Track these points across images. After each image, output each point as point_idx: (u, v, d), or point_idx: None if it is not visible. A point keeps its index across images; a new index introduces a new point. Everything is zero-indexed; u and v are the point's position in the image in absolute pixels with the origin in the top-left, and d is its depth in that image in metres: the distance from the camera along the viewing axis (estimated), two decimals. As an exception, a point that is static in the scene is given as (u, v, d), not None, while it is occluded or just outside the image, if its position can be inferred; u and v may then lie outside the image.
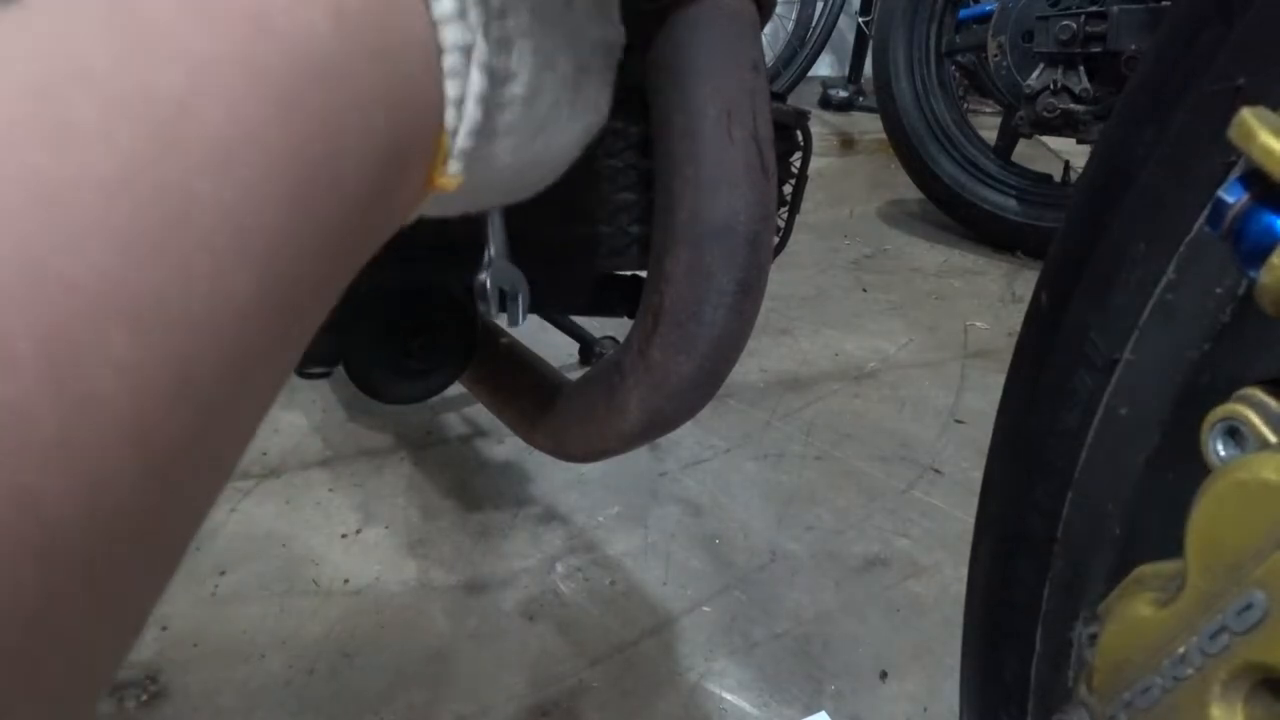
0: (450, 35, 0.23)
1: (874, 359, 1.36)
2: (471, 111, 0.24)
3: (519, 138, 0.26)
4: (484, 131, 0.24)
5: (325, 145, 0.19)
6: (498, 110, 0.25)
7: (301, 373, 0.55)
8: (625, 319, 0.52)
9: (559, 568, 0.85)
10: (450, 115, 0.23)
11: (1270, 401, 0.23)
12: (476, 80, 0.23)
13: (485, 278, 0.40)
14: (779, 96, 0.49)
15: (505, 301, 0.40)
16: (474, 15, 0.23)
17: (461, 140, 0.24)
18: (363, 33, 0.20)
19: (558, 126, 0.28)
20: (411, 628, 0.76)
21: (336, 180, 0.19)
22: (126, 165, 0.15)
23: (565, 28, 0.27)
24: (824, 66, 3.62)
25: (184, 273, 0.16)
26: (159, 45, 0.16)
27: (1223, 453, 0.24)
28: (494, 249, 0.40)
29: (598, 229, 0.44)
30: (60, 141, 0.14)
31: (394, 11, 0.21)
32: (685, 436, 1.08)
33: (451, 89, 0.23)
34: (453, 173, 0.24)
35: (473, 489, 0.96)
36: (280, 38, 0.18)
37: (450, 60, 0.23)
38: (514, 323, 0.41)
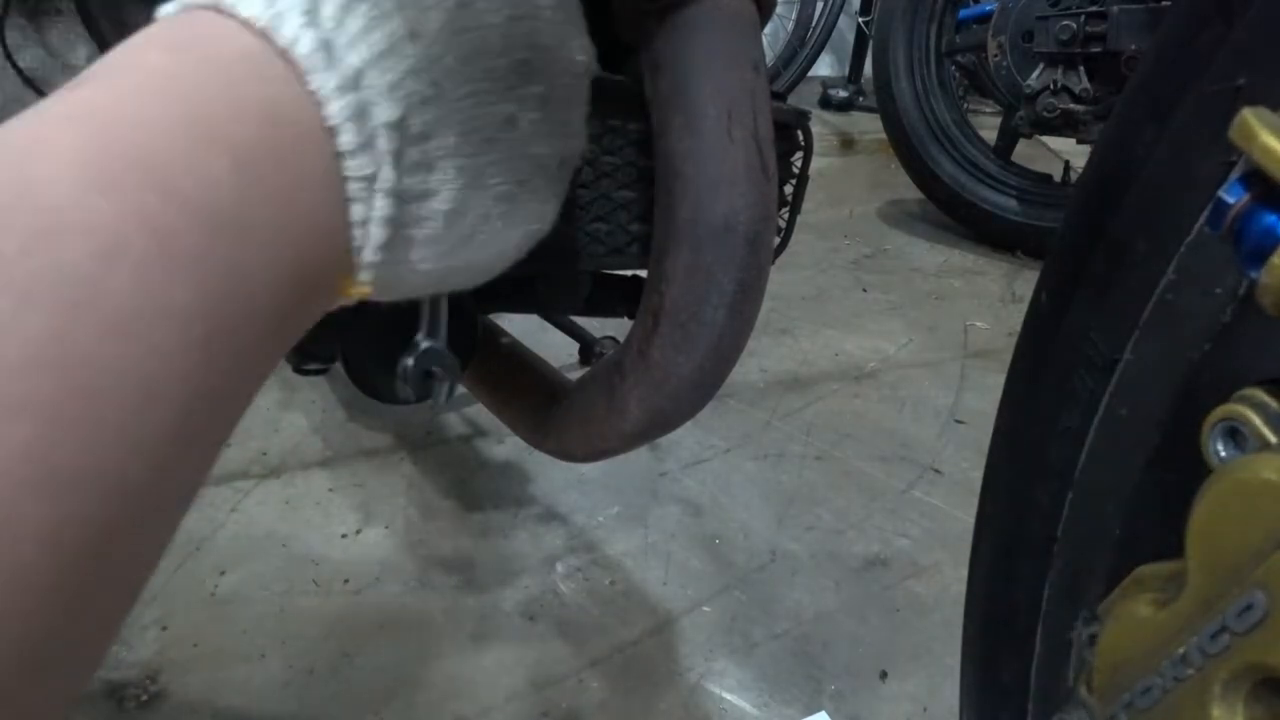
0: (353, 166, 0.24)
1: (874, 359, 1.36)
2: (375, 233, 0.25)
3: (439, 247, 0.27)
4: (392, 246, 0.25)
5: (232, 288, 0.20)
6: (413, 225, 0.26)
7: (299, 369, 0.55)
8: (625, 319, 0.52)
9: (559, 568, 0.85)
10: (357, 234, 0.24)
11: (1271, 402, 0.23)
12: (380, 205, 0.24)
13: (410, 361, 0.40)
14: (779, 96, 0.49)
15: (431, 383, 0.41)
16: (383, 143, 0.24)
17: (368, 256, 0.25)
18: (263, 175, 0.21)
19: (488, 237, 0.29)
20: (411, 628, 0.76)
21: (246, 315, 0.21)
22: (37, 347, 0.16)
23: (503, 147, 0.28)
24: (824, 66, 3.62)
25: (99, 435, 0.17)
26: (67, 224, 0.17)
27: (1223, 453, 0.24)
28: (423, 332, 0.41)
29: (597, 227, 0.44)
30: None
31: (294, 149, 0.22)
32: (685, 436, 1.08)
33: (356, 213, 0.24)
34: (362, 281, 0.25)
35: (473, 489, 0.96)
36: (183, 199, 0.19)
37: (353, 188, 0.24)
38: (437, 405, 0.42)
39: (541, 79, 0.29)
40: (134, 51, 0.22)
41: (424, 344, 0.41)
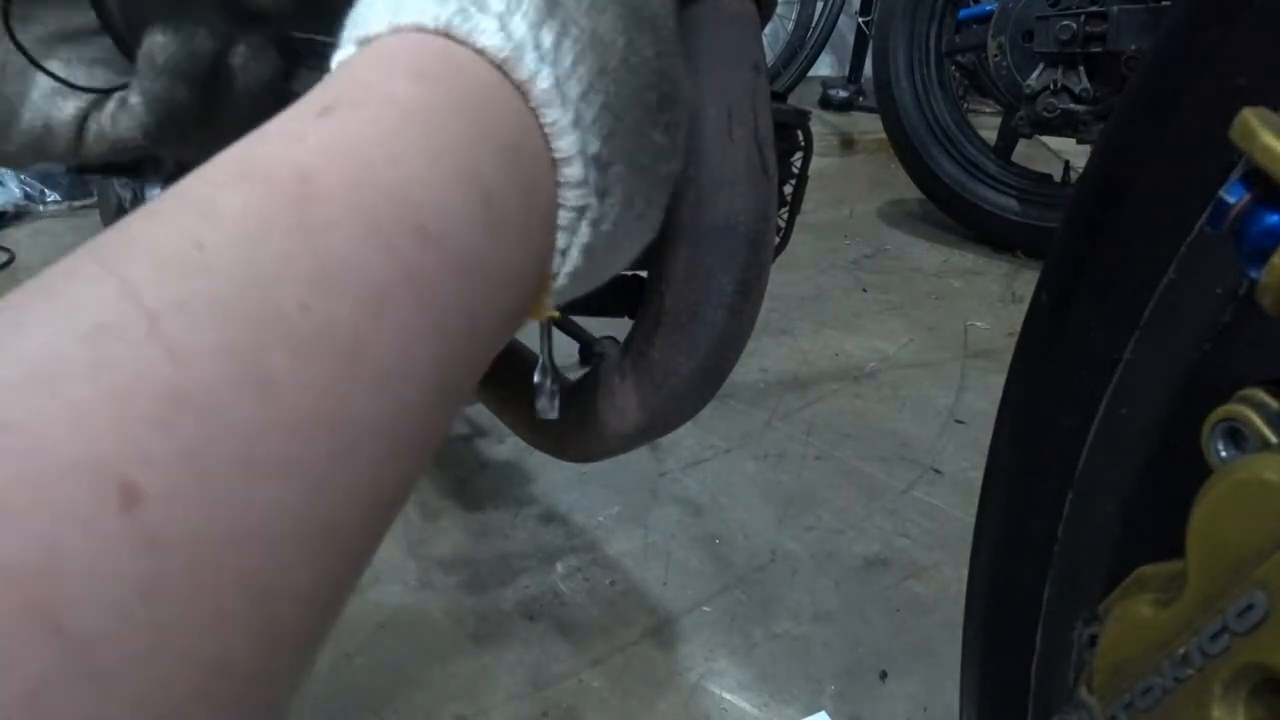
0: (572, 198, 0.24)
1: (874, 359, 1.36)
2: (575, 259, 0.26)
3: (596, 268, 0.28)
4: (578, 272, 0.26)
5: (468, 331, 0.20)
6: (590, 255, 0.27)
7: None
8: (625, 319, 0.52)
9: (559, 567, 0.85)
10: (557, 261, 0.25)
11: (1271, 402, 0.23)
12: (584, 233, 0.25)
13: (545, 380, 0.42)
14: (779, 96, 0.49)
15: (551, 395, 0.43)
16: (592, 175, 0.25)
17: (562, 280, 0.26)
18: (509, 214, 0.21)
19: (622, 253, 0.30)
20: (411, 628, 0.76)
21: (470, 358, 0.21)
22: (312, 403, 0.16)
23: (649, 172, 0.29)
24: (824, 66, 3.62)
25: (353, 494, 0.17)
26: (343, 277, 0.17)
27: (1223, 453, 0.24)
28: (545, 354, 0.42)
29: None
30: (259, 391, 0.15)
31: (535, 185, 0.23)
32: (685, 436, 1.08)
33: (562, 240, 0.25)
34: (550, 306, 0.26)
35: (473, 489, 0.96)
36: (441, 244, 0.19)
37: (566, 217, 0.24)
38: (551, 414, 0.43)
39: (672, 108, 0.30)
40: (379, 76, 0.21)
41: (547, 361, 0.42)
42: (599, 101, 0.24)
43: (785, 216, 0.51)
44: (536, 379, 0.42)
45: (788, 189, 0.50)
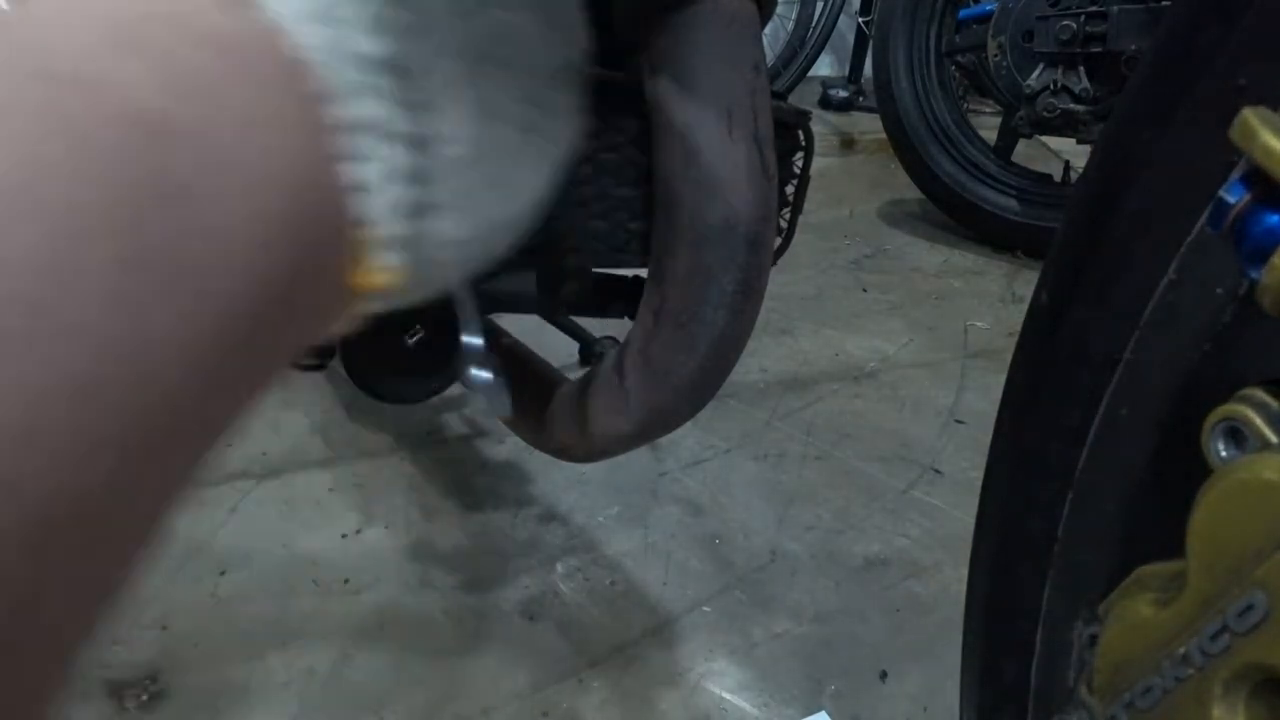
0: (345, 114, 0.19)
1: (874, 359, 1.36)
2: (394, 193, 0.20)
3: (468, 204, 0.23)
4: (419, 210, 0.21)
5: (167, 274, 0.15)
6: (433, 181, 0.21)
7: (295, 364, 0.55)
8: (625, 319, 0.52)
9: (559, 568, 0.85)
10: (367, 202, 0.20)
11: (1271, 402, 0.23)
12: (395, 156, 0.20)
13: (474, 370, 0.37)
14: (779, 96, 0.49)
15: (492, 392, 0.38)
16: (378, 84, 0.20)
17: (388, 227, 0.20)
18: (222, 101, 0.17)
19: (516, 177, 0.25)
20: (411, 628, 0.76)
21: (225, 260, 0.16)
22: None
23: (511, 64, 0.24)
24: (824, 66, 3.62)
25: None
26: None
27: (1224, 453, 0.24)
28: (467, 333, 0.37)
29: (597, 225, 0.44)
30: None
31: (252, 80, 0.18)
32: (685, 436, 1.08)
33: (362, 173, 0.19)
34: (388, 265, 0.21)
35: (473, 489, 0.96)
36: (92, 153, 0.15)
37: (359, 141, 0.19)
38: (504, 412, 0.39)
39: None
40: None
41: (473, 343, 0.37)
42: None
43: (787, 216, 0.51)
44: (469, 371, 0.36)
45: (789, 189, 0.50)
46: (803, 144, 0.48)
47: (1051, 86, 1.73)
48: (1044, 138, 2.03)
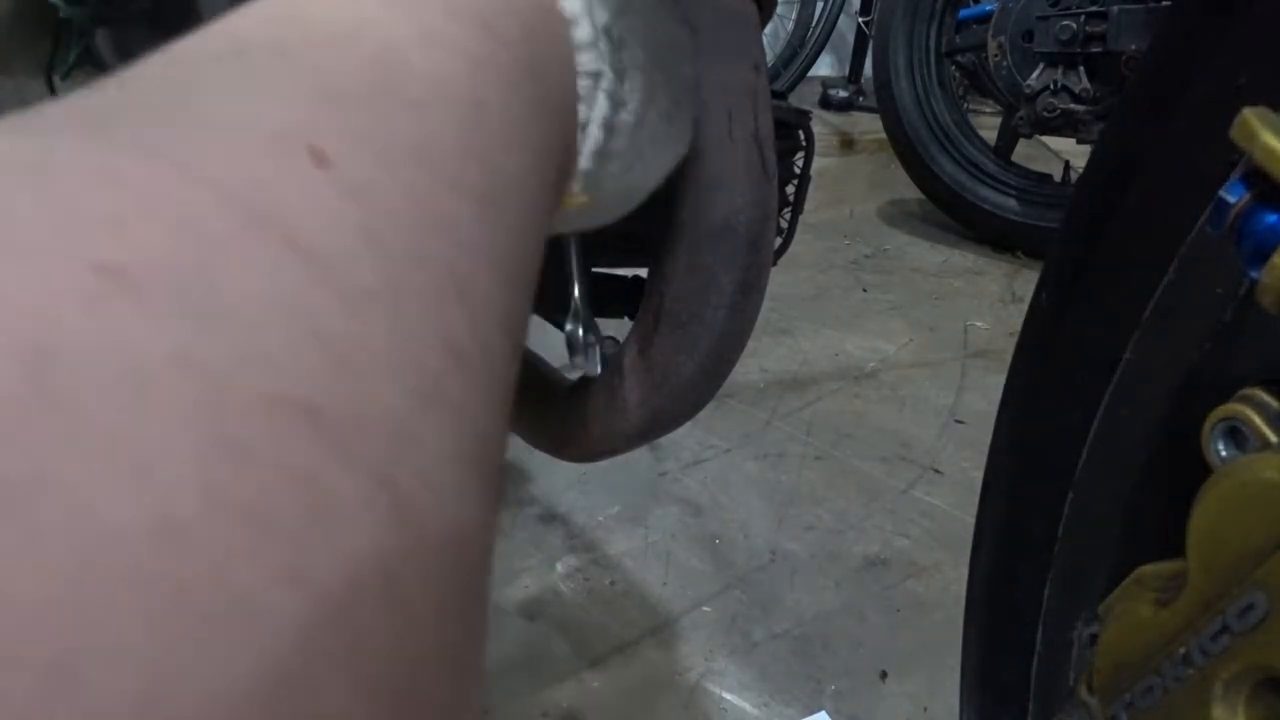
0: (584, 61, 0.24)
1: (874, 359, 1.36)
2: (595, 134, 0.25)
3: (624, 164, 0.27)
4: (602, 154, 0.25)
5: (545, 139, 0.20)
6: (612, 135, 0.26)
7: None
8: (625, 319, 0.52)
9: (559, 568, 0.85)
10: (577, 137, 0.24)
11: (1271, 401, 0.23)
12: (602, 104, 0.25)
13: (577, 329, 0.39)
14: (779, 96, 0.49)
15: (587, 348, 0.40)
16: (603, 44, 0.24)
17: (584, 161, 0.25)
18: (542, 39, 0.22)
19: (654, 156, 0.29)
20: (411, 628, 0.76)
21: (524, 177, 0.20)
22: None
23: (668, 66, 0.29)
24: (824, 66, 3.62)
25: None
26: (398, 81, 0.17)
27: (1224, 453, 0.24)
28: (579, 296, 0.39)
29: (600, 229, 0.44)
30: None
31: (542, 37, 0.22)
32: (685, 436, 1.08)
33: (581, 113, 0.24)
34: (577, 193, 0.25)
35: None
36: (510, 48, 0.19)
37: (582, 84, 0.24)
38: (593, 371, 0.40)
39: (689, 4, 0.30)
40: None
41: (584, 310, 0.39)
42: None
43: (787, 216, 0.51)
44: (568, 327, 0.39)
45: (790, 189, 0.50)
46: (803, 144, 0.48)
47: (1051, 86, 1.73)
48: (1044, 138, 2.03)
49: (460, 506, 0.13)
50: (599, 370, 0.40)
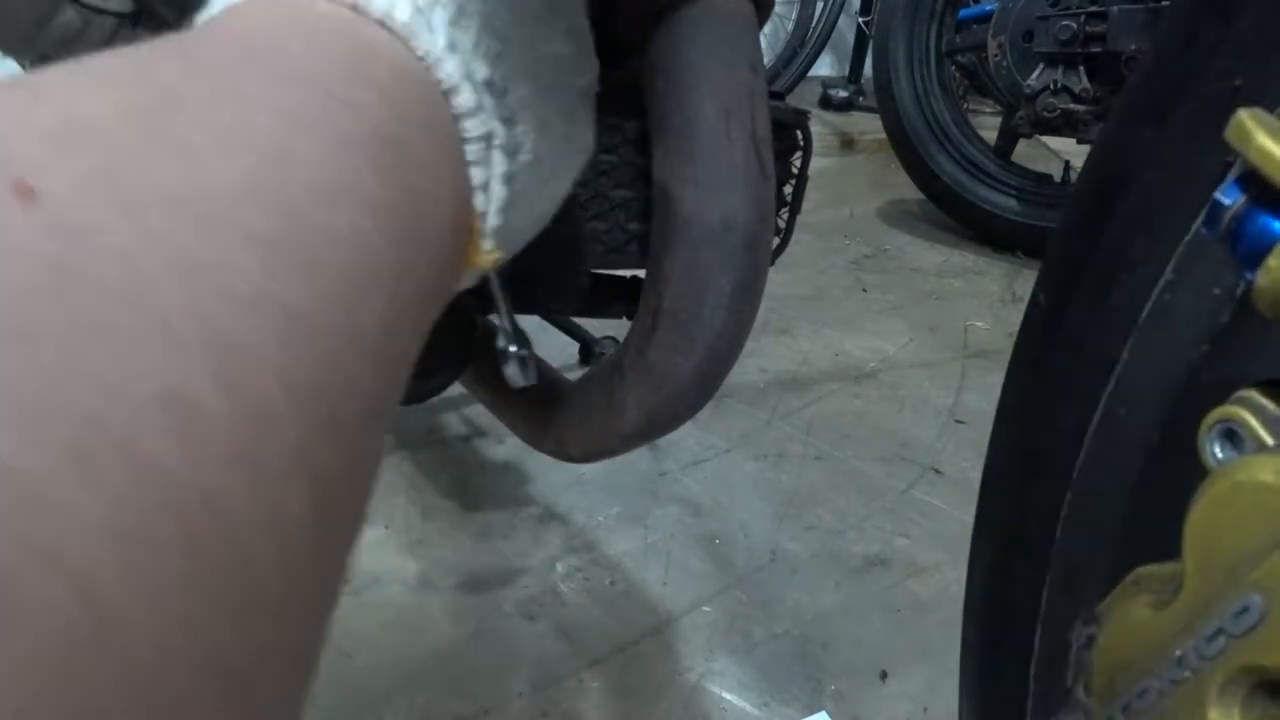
0: (471, 126, 0.23)
1: (874, 359, 1.36)
2: (498, 191, 0.25)
3: (530, 200, 0.27)
4: (509, 205, 0.25)
5: (410, 207, 0.19)
6: (514, 183, 0.26)
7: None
8: (625, 319, 0.52)
9: (559, 568, 0.85)
10: (480, 199, 0.24)
11: (1267, 404, 0.23)
12: (499, 161, 0.24)
13: (507, 346, 0.39)
14: (779, 96, 0.49)
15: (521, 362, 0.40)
16: (488, 101, 0.24)
17: (492, 220, 0.25)
18: (412, 112, 0.21)
19: (556, 180, 0.29)
20: (411, 628, 0.76)
21: (420, 242, 0.20)
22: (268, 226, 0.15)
23: (557, 88, 0.28)
24: (824, 66, 3.62)
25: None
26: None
27: (1220, 455, 0.24)
28: (504, 313, 0.39)
29: (595, 226, 0.44)
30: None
31: (425, 104, 0.22)
32: (685, 436, 1.08)
33: (477, 175, 0.24)
34: (487, 249, 0.25)
35: (473, 489, 0.96)
36: (354, 109, 0.19)
37: (472, 150, 0.23)
38: (530, 381, 0.40)
39: (568, 12, 0.29)
40: (243, 19, 0.20)
41: (506, 324, 0.40)
42: (474, 25, 0.23)
43: (785, 217, 0.51)
44: (499, 344, 0.39)
45: (787, 189, 0.50)
46: (801, 144, 0.48)
47: (1051, 86, 1.73)
48: (1044, 138, 2.03)
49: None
50: (531, 381, 0.41)
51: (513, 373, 0.39)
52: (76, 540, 0.11)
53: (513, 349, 0.40)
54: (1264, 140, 0.21)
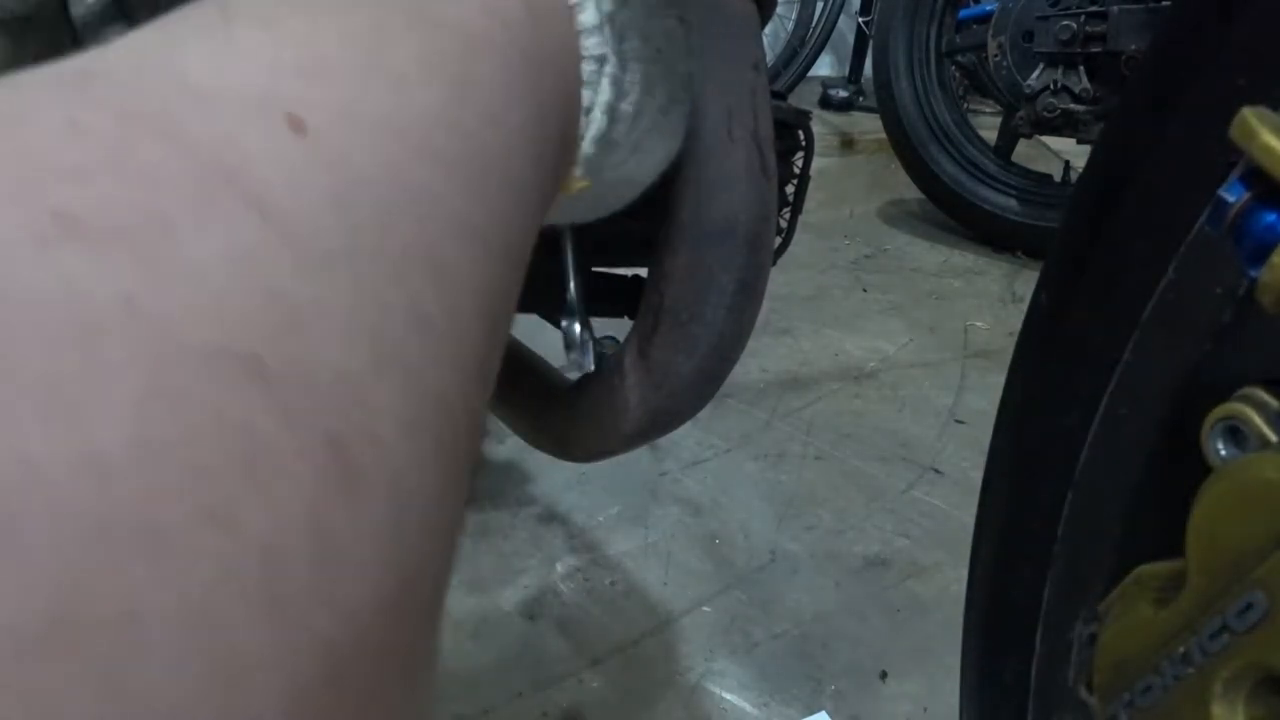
0: (590, 45, 0.24)
1: (874, 359, 1.36)
2: (599, 119, 0.25)
3: (623, 154, 0.28)
4: (605, 141, 0.26)
5: (541, 126, 0.20)
6: (615, 122, 0.26)
7: None
8: (625, 319, 0.52)
9: (559, 568, 0.85)
10: (583, 122, 0.25)
11: (1271, 401, 0.23)
12: (606, 90, 0.25)
13: (573, 325, 0.39)
14: (779, 96, 0.49)
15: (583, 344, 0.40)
16: (608, 30, 0.25)
17: (587, 146, 0.25)
18: (552, 25, 0.22)
19: (650, 149, 0.30)
20: (411, 628, 0.76)
21: (544, 157, 0.21)
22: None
23: (664, 60, 0.29)
24: (824, 66, 3.62)
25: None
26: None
27: (1223, 452, 0.24)
28: (574, 292, 0.39)
29: (597, 225, 0.44)
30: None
31: (545, 18, 0.23)
32: (685, 436, 1.08)
33: (586, 96, 0.25)
34: (578, 176, 0.26)
35: (472, 489, 0.96)
36: (511, 30, 0.20)
37: (587, 69, 0.24)
38: (588, 367, 0.40)
39: (682, 2, 0.30)
40: None
41: (578, 305, 0.39)
42: None
43: (787, 216, 0.51)
44: (564, 324, 0.39)
45: (789, 189, 0.50)
46: (803, 144, 0.48)
47: (1051, 86, 1.73)
48: (1044, 138, 2.03)
49: (410, 470, 0.13)
50: (593, 367, 0.40)
51: (575, 357, 0.39)
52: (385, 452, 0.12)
53: (578, 331, 0.39)
54: (1268, 138, 0.21)
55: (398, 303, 0.14)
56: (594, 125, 0.25)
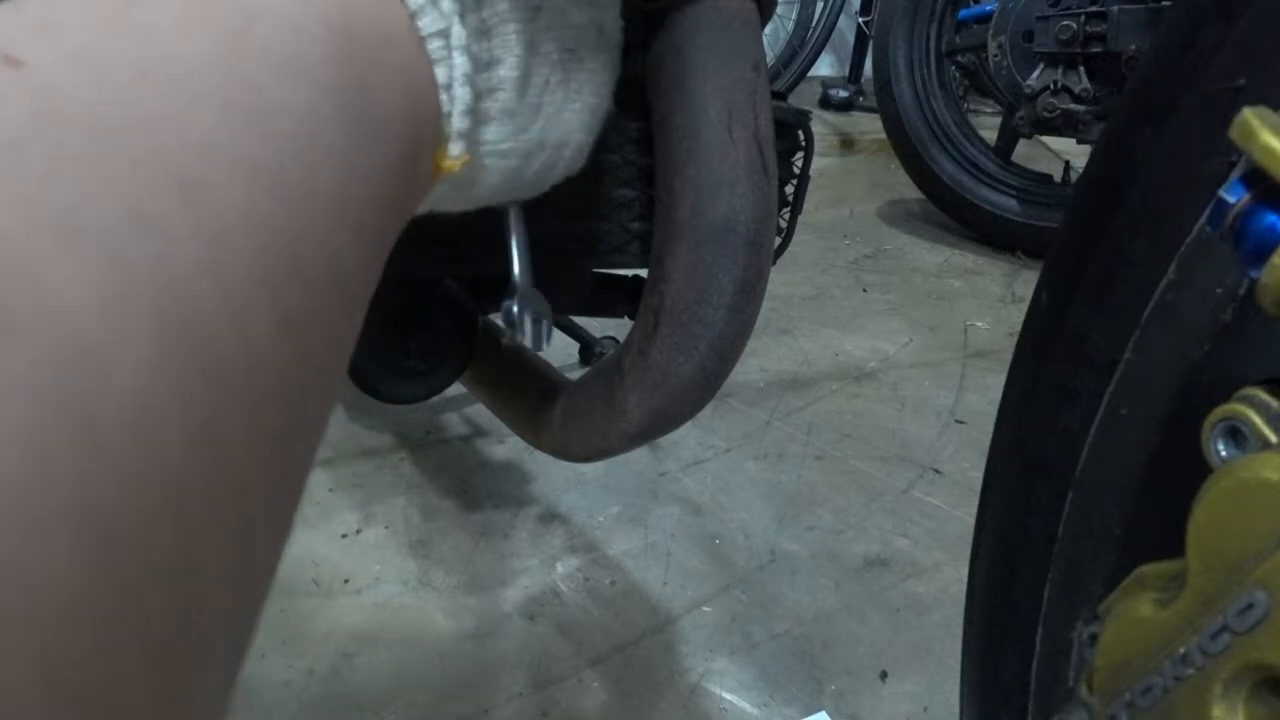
0: (426, 24, 0.24)
1: (874, 359, 1.36)
2: (460, 93, 0.25)
3: (517, 121, 0.28)
4: (477, 113, 0.26)
5: (360, 92, 0.20)
6: (488, 94, 0.27)
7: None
8: (625, 319, 0.52)
9: (559, 568, 0.85)
10: (444, 99, 0.25)
11: (1271, 401, 0.23)
12: (459, 63, 0.25)
13: (514, 305, 0.38)
14: (779, 96, 0.49)
15: (540, 328, 0.39)
16: (446, 4, 0.25)
17: (457, 121, 0.25)
18: (359, 5, 0.22)
19: (554, 109, 0.30)
20: (411, 628, 0.76)
21: (372, 122, 0.21)
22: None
23: (546, 14, 0.29)
24: (824, 66, 3.62)
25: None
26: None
27: (1224, 452, 0.24)
28: (519, 274, 0.38)
29: (597, 225, 0.44)
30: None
31: (377, 5, 0.23)
32: (685, 436, 1.08)
33: (440, 75, 0.25)
34: (454, 154, 0.26)
35: (473, 489, 0.96)
36: (303, 2, 0.20)
37: (432, 46, 0.24)
38: (538, 347, 0.40)
39: None
40: None
41: (524, 286, 0.38)
42: None
43: (787, 216, 0.51)
44: (505, 303, 0.38)
45: (789, 189, 0.50)
46: (803, 144, 0.48)
47: (1051, 86, 1.73)
48: (1044, 138, 2.03)
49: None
50: (542, 347, 0.39)
51: (527, 335, 0.37)
52: (51, 301, 0.12)
53: (518, 309, 0.38)
54: (1269, 138, 0.21)
55: (117, 206, 0.14)
56: (458, 100, 0.25)
